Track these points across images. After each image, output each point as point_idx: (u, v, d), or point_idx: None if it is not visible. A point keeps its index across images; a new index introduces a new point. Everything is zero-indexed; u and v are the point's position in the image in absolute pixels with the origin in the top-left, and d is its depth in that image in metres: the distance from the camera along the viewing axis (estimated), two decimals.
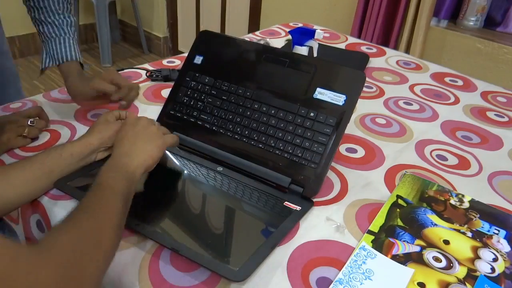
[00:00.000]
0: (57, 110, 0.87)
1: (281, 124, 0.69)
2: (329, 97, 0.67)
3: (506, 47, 1.56)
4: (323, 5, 2.08)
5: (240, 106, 0.72)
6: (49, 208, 0.62)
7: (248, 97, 0.72)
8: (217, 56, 0.78)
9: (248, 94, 0.72)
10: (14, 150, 0.73)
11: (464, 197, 0.67)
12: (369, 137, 0.83)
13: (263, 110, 0.70)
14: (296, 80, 0.70)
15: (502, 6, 1.66)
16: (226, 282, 0.51)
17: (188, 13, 2.94)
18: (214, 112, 0.74)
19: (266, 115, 0.70)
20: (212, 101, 0.75)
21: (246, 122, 0.71)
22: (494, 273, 0.54)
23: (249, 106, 0.72)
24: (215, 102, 0.74)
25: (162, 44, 3.14)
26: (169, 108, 0.78)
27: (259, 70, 0.74)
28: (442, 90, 1.06)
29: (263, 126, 0.70)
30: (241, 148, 0.70)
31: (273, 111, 0.70)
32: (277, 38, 1.34)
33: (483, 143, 0.84)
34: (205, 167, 0.70)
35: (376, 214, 0.63)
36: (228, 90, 0.74)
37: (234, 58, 0.77)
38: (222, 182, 0.68)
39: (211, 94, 0.75)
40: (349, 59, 1.16)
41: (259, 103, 0.71)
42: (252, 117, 0.71)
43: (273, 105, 0.70)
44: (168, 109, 0.78)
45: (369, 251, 0.56)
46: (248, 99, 0.72)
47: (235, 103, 0.73)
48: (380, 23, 1.79)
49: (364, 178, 0.71)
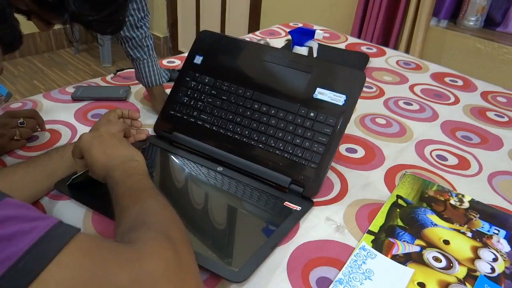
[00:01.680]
0: (57, 110, 0.87)
1: (281, 124, 0.69)
2: (329, 97, 0.67)
3: (506, 47, 1.55)
4: (323, 5, 2.08)
5: (240, 106, 0.72)
6: (49, 208, 0.62)
7: (248, 97, 0.72)
8: (217, 56, 0.78)
9: (248, 94, 0.72)
10: (15, 150, 0.73)
11: (464, 197, 0.67)
12: (369, 137, 0.83)
13: (263, 110, 0.70)
14: (296, 80, 0.70)
15: (502, 6, 1.66)
16: (227, 283, 0.51)
17: (188, 13, 2.94)
18: (214, 112, 0.74)
19: (266, 115, 0.70)
20: (212, 101, 0.75)
21: (246, 122, 0.71)
22: (494, 273, 0.54)
23: (249, 106, 0.72)
24: (215, 102, 0.74)
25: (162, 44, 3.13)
26: (169, 108, 0.78)
27: (259, 70, 0.74)
28: (442, 90, 1.06)
29: (263, 126, 0.70)
30: (241, 148, 0.70)
31: (273, 111, 0.70)
32: (277, 38, 1.34)
33: (483, 143, 0.84)
34: (205, 167, 0.70)
35: (376, 214, 0.63)
36: (228, 90, 0.74)
37: (234, 58, 0.77)
38: (222, 182, 0.68)
39: (211, 94, 0.75)
40: (349, 59, 1.16)
41: (259, 103, 0.71)
42: (252, 117, 0.71)
43: (273, 105, 0.70)
44: (168, 109, 0.78)
45: (369, 251, 0.56)
46: (248, 99, 0.72)
47: (235, 103, 0.73)
48: (380, 23, 1.79)
49: (364, 178, 0.71)
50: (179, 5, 2.99)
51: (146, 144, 0.76)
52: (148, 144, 0.76)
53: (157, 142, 0.76)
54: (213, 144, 0.72)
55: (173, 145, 0.75)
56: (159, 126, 0.79)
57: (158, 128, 0.79)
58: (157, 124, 0.79)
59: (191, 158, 0.72)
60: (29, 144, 0.75)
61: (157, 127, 0.79)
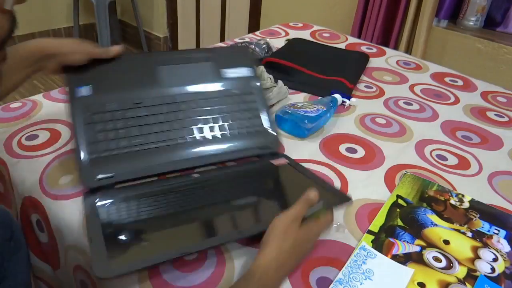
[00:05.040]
0: (57, 110, 0.86)
1: (208, 110, 0.71)
2: (237, 72, 0.75)
3: (506, 47, 1.55)
4: (323, 5, 2.08)
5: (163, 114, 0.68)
6: (49, 208, 0.62)
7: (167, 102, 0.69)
8: (109, 78, 0.68)
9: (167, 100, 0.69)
10: (15, 150, 0.73)
11: (464, 197, 0.67)
12: (369, 137, 0.83)
13: (182, 107, 0.70)
14: (198, 72, 0.72)
15: (502, 6, 1.66)
16: (227, 282, 0.51)
17: (188, 13, 2.94)
18: (143, 131, 0.66)
19: (195, 110, 0.70)
20: (133, 122, 0.66)
21: (185, 123, 0.69)
22: (494, 273, 0.54)
23: (173, 110, 0.69)
24: (137, 122, 0.66)
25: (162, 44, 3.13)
26: (89, 153, 0.63)
27: (161, 75, 0.70)
28: (442, 90, 1.06)
29: (203, 120, 0.70)
30: (197, 148, 0.68)
31: (193, 104, 0.71)
32: (277, 38, 1.34)
33: (483, 143, 0.84)
34: (178, 182, 0.65)
35: (376, 214, 0.63)
36: (142, 105, 0.68)
37: (127, 73, 0.69)
38: (204, 185, 0.66)
39: (126, 117, 0.66)
40: (349, 59, 1.16)
41: (186, 103, 0.70)
42: (187, 117, 0.69)
43: (200, 98, 0.71)
44: (89, 154, 0.63)
45: (369, 251, 0.56)
46: (171, 104, 0.69)
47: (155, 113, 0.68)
48: (380, 23, 1.79)
49: (364, 178, 0.71)
50: (179, 5, 2.99)
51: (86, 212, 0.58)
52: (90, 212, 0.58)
53: (100, 198, 0.60)
54: (163, 160, 0.66)
55: (116, 188, 0.63)
56: (88, 176, 0.62)
57: (87, 179, 0.62)
58: (85, 176, 0.62)
59: (150, 185, 0.65)
60: (29, 143, 0.75)
61: (86, 178, 0.62)
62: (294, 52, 1.16)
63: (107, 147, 0.64)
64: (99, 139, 0.64)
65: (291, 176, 0.69)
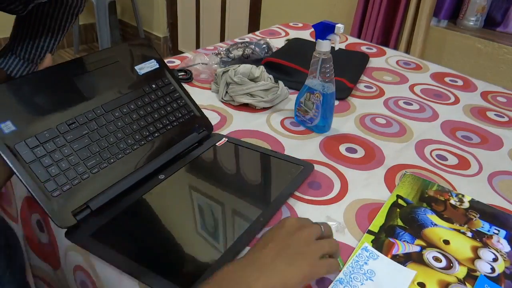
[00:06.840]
0: None
1: (141, 111, 0.70)
2: (148, 66, 0.75)
3: (506, 47, 1.56)
4: (323, 5, 2.08)
5: (101, 128, 0.64)
6: None
7: (100, 114, 0.64)
8: (27, 104, 0.58)
9: (98, 112, 0.64)
10: None
11: (464, 197, 0.67)
12: (369, 137, 0.83)
13: (116, 115, 0.66)
14: (115, 75, 0.71)
15: (502, 6, 1.66)
16: None
17: (188, 13, 2.94)
18: (94, 150, 0.61)
19: (126, 116, 0.67)
20: (78, 145, 0.60)
21: (119, 134, 0.65)
22: (494, 273, 0.54)
23: (106, 121, 0.65)
24: (84, 142, 0.61)
25: (162, 44, 3.14)
26: (51, 193, 0.55)
27: (81, 87, 0.65)
28: (442, 90, 1.06)
29: (133, 125, 0.67)
30: (143, 154, 0.66)
31: (124, 109, 0.67)
32: (277, 38, 1.34)
33: (483, 143, 0.84)
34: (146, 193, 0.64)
35: (376, 214, 0.63)
36: (78, 123, 0.61)
37: (45, 94, 0.61)
38: (173, 184, 0.66)
39: (68, 142, 0.59)
40: (349, 59, 1.16)
41: (117, 110, 0.66)
42: (117, 126, 0.66)
43: (127, 102, 0.68)
44: (52, 195, 0.55)
45: (371, 252, 0.56)
46: (105, 114, 0.65)
47: (92, 130, 0.63)
48: (380, 23, 1.79)
49: (364, 178, 0.71)
50: (179, 5, 2.99)
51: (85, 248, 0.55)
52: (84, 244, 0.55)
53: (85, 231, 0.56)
54: (123, 175, 0.63)
55: (94, 213, 0.58)
56: (61, 216, 0.55)
57: (63, 219, 0.55)
58: (58, 217, 0.55)
59: (127, 198, 0.62)
60: None
61: (61, 219, 0.55)
62: (294, 52, 1.16)
63: (66, 179, 0.57)
64: (49, 176, 0.55)
65: (235, 151, 0.77)
